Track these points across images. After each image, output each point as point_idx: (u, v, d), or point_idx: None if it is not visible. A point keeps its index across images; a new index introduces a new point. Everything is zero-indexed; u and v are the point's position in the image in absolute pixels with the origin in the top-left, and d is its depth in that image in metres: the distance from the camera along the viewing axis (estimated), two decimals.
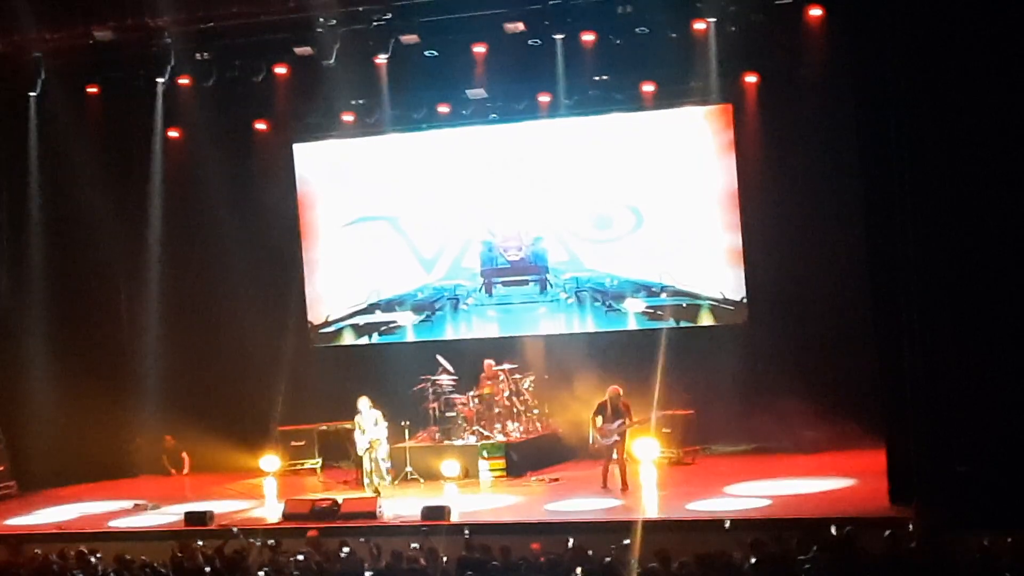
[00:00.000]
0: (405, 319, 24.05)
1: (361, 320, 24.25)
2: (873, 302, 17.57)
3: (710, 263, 22.40)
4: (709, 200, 22.37)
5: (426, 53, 21.22)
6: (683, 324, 22.54)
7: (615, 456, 19.44)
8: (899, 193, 16.59)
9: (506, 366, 22.16)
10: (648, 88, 22.10)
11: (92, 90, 22.57)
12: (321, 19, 20.69)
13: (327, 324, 24.40)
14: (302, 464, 22.77)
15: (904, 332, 16.67)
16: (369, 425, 20.37)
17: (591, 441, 20.04)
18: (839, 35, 19.10)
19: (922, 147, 16.34)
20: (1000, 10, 16.02)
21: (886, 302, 17.11)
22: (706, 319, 22.51)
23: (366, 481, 20.43)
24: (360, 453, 20.50)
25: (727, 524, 15.48)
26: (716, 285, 22.36)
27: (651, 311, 22.78)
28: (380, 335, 24.16)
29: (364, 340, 24.27)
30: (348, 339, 24.35)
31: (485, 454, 21.11)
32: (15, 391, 23.05)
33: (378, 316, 24.16)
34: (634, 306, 22.90)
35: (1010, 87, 15.93)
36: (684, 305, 22.58)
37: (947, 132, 16.17)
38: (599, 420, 19.51)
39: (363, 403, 20.52)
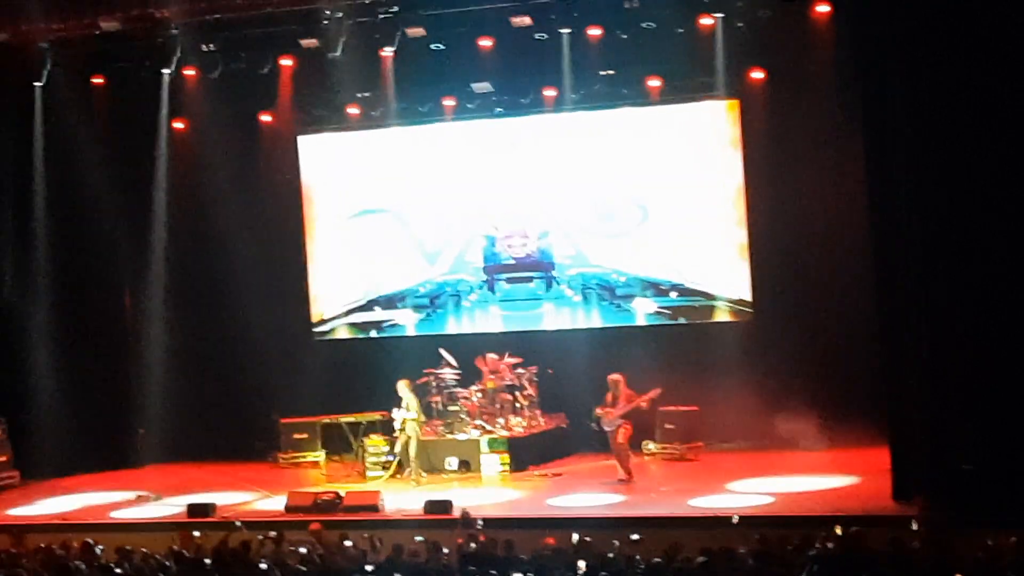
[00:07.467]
0: (405, 318, 23.97)
1: (359, 318, 24.17)
2: (878, 300, 17.55)
3: (717, 259, 22.30)
4: (715, 196, 22.29)
5: (432, 46, 21.22)
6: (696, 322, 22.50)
7: (619, 443, 19.56)
8: (905, 189, 16.61)
9: (509, 360, 22.17)
10: (654, 83, 22.08)
11: (98, 81, 22.60)
12: (327, 11, 20.67)
13: (323, 322, 24.33)
14: (304, 457, 22.75)
15: (909, 330, 16.68)
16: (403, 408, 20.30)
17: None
18: (846, 31, 19.07)
19: (928, 143, 16.33)
20: (1005, 5, 16.01)
21: (891, 300, 17.09)
22: (721, 318, 22.41)
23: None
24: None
25: (735, 519, 15.43)
26: (726, 282, 22.24)
27: (664, 311, 22.69)
28: (378, 332, 24.10)
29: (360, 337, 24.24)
30: (343, 337, 24.29)
31: (488, 448, 21.11)
32: (18, 381, 23.04)
33: (377, 313, 24.07)
34: (645, 306, 22.80)
35: (1016, 82, 15.90)
36: (697, 306, 22.51)
37: (953, 128, 16.14)
38: (601, 409, 19.69)
39: (401, 387, 20.40)
